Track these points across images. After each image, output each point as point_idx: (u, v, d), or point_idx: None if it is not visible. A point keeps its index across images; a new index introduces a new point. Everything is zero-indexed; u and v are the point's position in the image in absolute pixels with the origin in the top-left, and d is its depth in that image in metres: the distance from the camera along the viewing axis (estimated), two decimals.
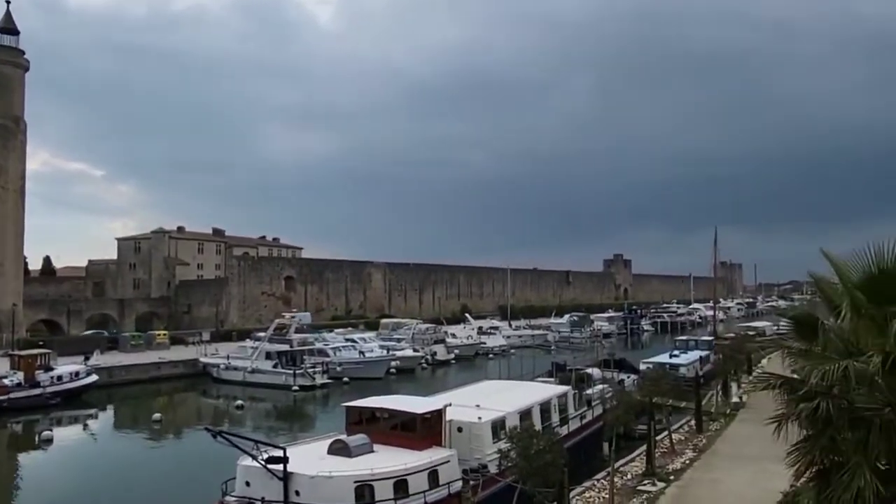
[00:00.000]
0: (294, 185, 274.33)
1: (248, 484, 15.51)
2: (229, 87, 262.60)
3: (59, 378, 41.58)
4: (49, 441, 31.64)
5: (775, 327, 62.81)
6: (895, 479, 7.47)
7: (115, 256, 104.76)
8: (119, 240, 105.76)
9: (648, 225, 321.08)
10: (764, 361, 40.94)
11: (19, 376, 40.03)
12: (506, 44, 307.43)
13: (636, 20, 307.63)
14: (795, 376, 8.53)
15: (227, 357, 50.99)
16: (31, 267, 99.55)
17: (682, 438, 25.13)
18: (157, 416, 36.52)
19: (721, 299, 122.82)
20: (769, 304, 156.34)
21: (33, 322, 74.00)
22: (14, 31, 71.50)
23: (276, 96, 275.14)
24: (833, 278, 8.79)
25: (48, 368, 41.81)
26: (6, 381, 39.39)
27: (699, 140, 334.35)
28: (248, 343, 54.07)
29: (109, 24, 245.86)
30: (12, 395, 38.62)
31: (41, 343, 52.71)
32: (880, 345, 7.53)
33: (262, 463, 14.92)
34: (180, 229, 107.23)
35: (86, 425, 37.53)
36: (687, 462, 21.36)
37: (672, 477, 19.44)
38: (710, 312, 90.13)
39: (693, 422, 27.07)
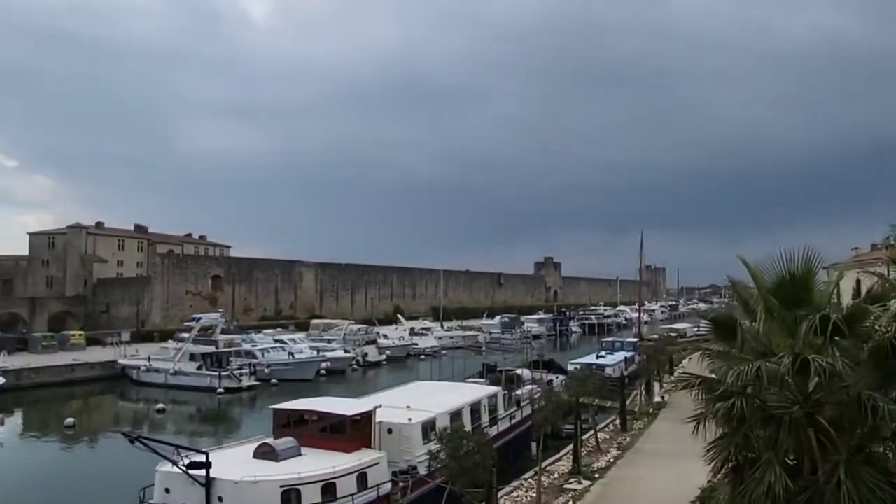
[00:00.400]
0: (224, 182, 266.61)
1: (167, 491, 14.96)
2: (156, 79, 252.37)
3: None
4: None
5: (696, 329, 65.53)
6: (802, 474, 7.89)
7: (26, 252, 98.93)
8: (31, 234, 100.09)
9: (578, 229, 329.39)
10: (685, 362, 42.64)
11: None
12: (442, 47, 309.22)
13: (566, 30, 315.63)
14: (713, 376, 8.89)
15: (149, 359, 48.98)
16: None
17: (608, 437, 25.83)
18: (69, 420, 34.65)
19: (646, 302, 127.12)
20: (690, 306, 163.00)
21: None
22: None
23: (205, 91, 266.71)
24: (749, 283, 9.22)
25: None
26: None
27: (626, 148, 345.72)
28: (171, 344, 52.15)
29: (27, 7, 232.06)
30: None
31: None
32: (790, 346, 7.94)
33: (183, 468, 14.36)
34: (99, 225, 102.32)
35: None
36: (611, 460, 21.95)
37: (597, 475, 19.94)
38: (636, 314, 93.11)
39: (618, 421, 27.89)
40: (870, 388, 7.82)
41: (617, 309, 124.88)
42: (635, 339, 53.48)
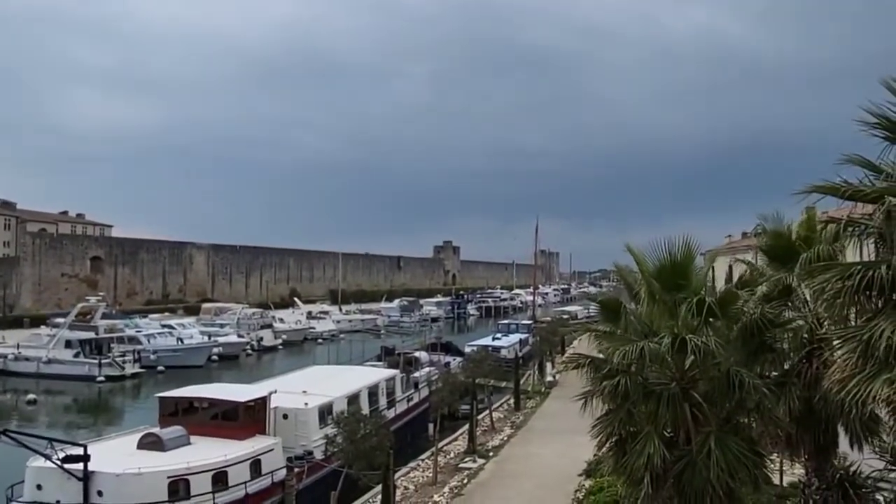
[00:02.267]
0: (105, 156, 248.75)
1: (39, 487, 14.00)
2: (28, 38, 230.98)
3: None
4: None
5: (586, 311, 68.70)
6: (678, 445, 8.49)
7: None
8: None
9: (476, 214, 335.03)
10: (575, 343, 44.63)
11: None
12: (344, 25, 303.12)
13: (470, 16, 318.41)
14: (601, 356, 9.36)
15: (17, 346, 45.26)
16: None
17: (502, 416, 26.63)
18: None
19: (540, 285, 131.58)
20: (582, 290, 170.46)
21: None
22: None
23: (85, 56, 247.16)
24: (634, 268, 9.75)
25: None
26: None
27: (524, 135, 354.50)
28: (44, 330, 48.56)
29: None
30: None
31: None
32: (671, 327, 8.49)
33: (58, 463, 13.44)
34: None
35: None
36: (505, 438, 22.68)
37: (491, 453, 20.54)
38: (531, 298, 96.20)
39: (512, 400, 28.80)
40: (738, 364, 8.54)
41: (513, 292, 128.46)
42: (530, 322, 55.27)
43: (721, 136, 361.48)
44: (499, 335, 45.42)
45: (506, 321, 57.37)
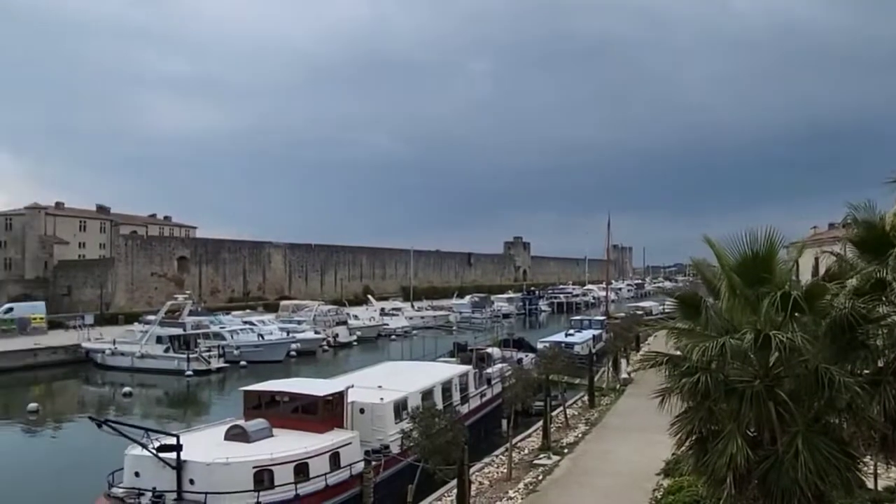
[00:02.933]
0: (188, 161, 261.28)
1: (137, 474, 14.86)
2: (114, 53, 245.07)
3: None
4: None
5: (661, 307, 66.84)
6: (762, 445, 8.20)
7: None
8: None
9: (547, 209, 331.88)
10: (651, 339, 43.56)
11: None
12: (405, 25, 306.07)
13: (532, 9, 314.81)
14: (678, 353, 9.14)
15: (114, 342, 48.20)
16: None
17: (576, 413, 26.34)
18: (32, 406, 34.03)
19: (613, 281, 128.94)
20: (656, 285, 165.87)
21: None
22: None
23: (164, 65, 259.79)
24: (712, 262, 9.46)
25: None
26: None
27: (594, 128, 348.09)
28: (137, 327, 51.39)
29: None
30: None
31: None
32: (753, 322, 8.20)
33: (153, 451, 14.29)
34: (59, 205, 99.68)
35: None
36: (580, 435, 22.41)
37: (566, 450, 20.35)
38: (603, 293, 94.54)
39: (586, 397, 28.43)
40: (826, 361, 8.14)
41: (585, 288, 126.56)
42: (603, 318, 54.37)
43: (798, 122, 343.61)
44: (571, 331, 44.90)
45: (578, 317, 56.58)
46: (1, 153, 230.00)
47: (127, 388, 39.46)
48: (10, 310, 58.64)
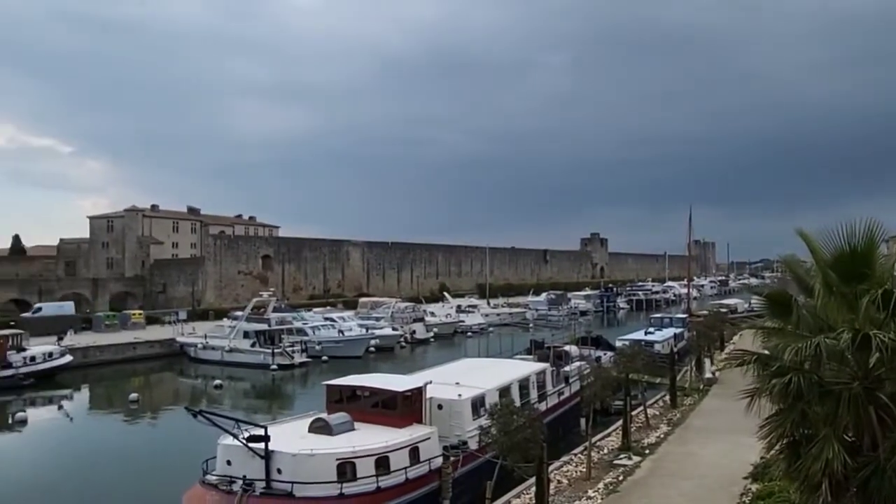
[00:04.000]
0: (271, 162, 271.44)
1: (228, 463, 15.53)
2: (199, 61, 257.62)
3: (33, 359, 41.08)
4: (23, 422, 31.32)
5: (747, 305, 64.06)
6: (861, 451, 7.77)
7: (87, 235, 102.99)
8: (91, 218, 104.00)
9: (624, 204, 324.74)
10: (736, 338, 41.85)
11: None
12: (484, 21, 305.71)
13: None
14: (767, 353, 8.78)
15: (205, 336, 50.64)
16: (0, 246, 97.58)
17: (657, 413, 25.67)
18: (133, 396, 36.26)
19: (695, 277, 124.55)
20: (741, 282, 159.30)
21: (3, 302, 72.75)
22: None
23: (248, 71, 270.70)
24: (802, 257, 9.02)
25: (20, 349, 41.24)
26: None
27: (673, 119, 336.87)
28: (226, 322, 53.69)
29: None
30: None
31: (13, 323, 51.84)
32: (850, 321, 7.77)
33: (244, 441, 14.92)
34: (154, 207, 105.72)
35: (60, 406, 37.18)
36: (661, 436, 21.84)
37: (647, 451, 19.88)
38: (684, 290, 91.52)
39: (667, 397, 27.66)
40: None
41: (665, 285, 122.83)
42: (684, 315, 52.65)
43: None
44: (651, 329, 43.67)
45: (659, 315, 54.93)
46: (102, 160, 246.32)
47: (217, 381, 41.42)
48: (39, 309, 61.33)
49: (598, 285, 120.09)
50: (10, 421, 31.67)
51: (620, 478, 17.24)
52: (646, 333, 41.65)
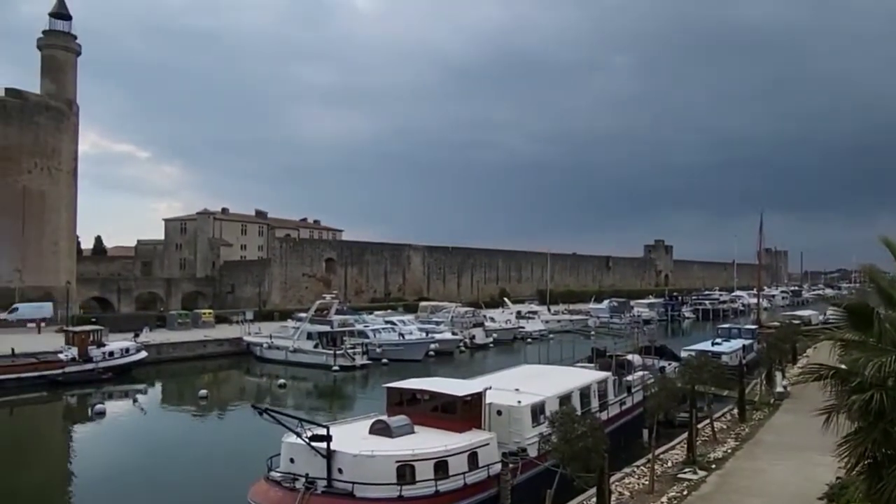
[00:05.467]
0: (334, 167, 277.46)
1: (292, 461, 15.86)
2: (266, 68, 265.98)
3: (111, 354, 43.16)
4: (102, 414, 32.91)
5: (822, 316, 61.15)
6: None
7: (162, 237, 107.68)
8: (166, 221, 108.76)
9: (690, 210, 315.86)
10: (810, 351, 40.03)
11: (73, 352, 41.68)
12: (545, 23, 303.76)
13: None
14: (846, 367, 8.37)
15: (270, 337, 52.05)
16: (83, 246, 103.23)
17: (724, 427, 24.80)
18: (203, 392, 37.62)
19: (765, 287, 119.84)
20: (816, 292, 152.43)
21: (86, 299, 76.80)
22: (66, 17, 73.56)
23: (312, 78, 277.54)
24: (885, 267, 8.58)
25: (100, 344, 43.41)
26: (61, 356, 41.11)
27: (742, 121, 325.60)
28: (290, 323, 55.02)
29: (151, 9, 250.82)
30: (67, 370, 40.32)
31: (94, 320, 54.68)
32: None
33: (306, 440, 15.24)
34: (224, 211, 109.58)
35: (135, 400, 38.88)
36: (729, 451, 21.09)
37: (714, 465, 19.23)
38: (754, 300, 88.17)
39: (735, 411, 26.69)
40: None
41: (733, 294, 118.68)
42: (754, 326, 50.77)
43: None
44: (719, 340, 42.24)
45: (726, 325, 53.09)
46: (176, 164, 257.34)
47: (281, 380, 42.50)
48: (16, 309, 59.95)
49: (662, 293, 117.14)
50: (90, 413, 33.35)
51: (685, 492, 16.73)
52: (713, 344, 40.35)
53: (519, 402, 18.39)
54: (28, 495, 21.82)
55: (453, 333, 58.25)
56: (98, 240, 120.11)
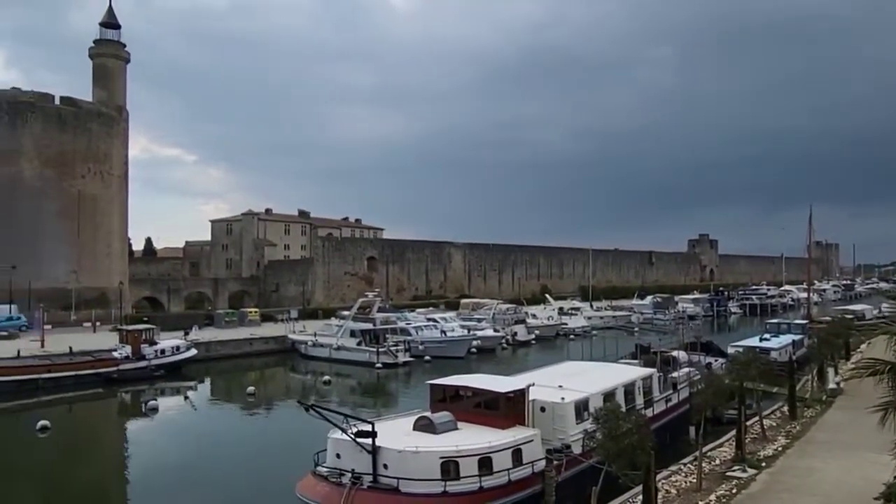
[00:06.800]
0: (374, 166, 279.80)
1: (338, 456, 16.13)
2: (306, 71, 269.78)
3: (163, 352, 44.51)
4: (155, 410, 33.96)
5: (876, 311, 59.10)
6: None
7: (209, 237, 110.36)
8: (212, 222, 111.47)
9: (735, 204, 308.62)
10: (863, 346, 38.76)
11: (127, 350, 43.11)
12: (582, 18, 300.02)
13: None
14: None
15: (314, 334, 52.89)
16: (134, 248, 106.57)
17: (774, 425, 24.26)
18: (250, 389, 38.47)
19: (815, 281, 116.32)
20: (869, 286, 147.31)
21: (137, 299, 79.30)
22: (116, 26, 75.97)
23: (351, 79, 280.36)
24: None
25: (152, 343, 44.79)
26: (116, 354, 42.57)
27: (790, 113, 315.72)
28: (334, 321, 55.81)
29: (195, 14, 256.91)
30: (121, 367, 41.74)
31: (146, 319, 56.44)
32: None
33: (352, 436, 15.47)
34: (268, 211, 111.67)
35: (186, 396, 39.97)
36: (779, 449, 20.62)
37: (764, 464, 18.83)
38: (804, 294, 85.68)
39: (785, 408, 26.06)
40: None
41: (782, 289, 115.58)
42: (804, 322, 49.39)
43: None
44: (767, 336, 41.22)
45: (775, 320, 51.74)
46: (221, 167, 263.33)
47: (326, 377, 43.15)
48: None
49: (707, 288, 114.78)
50: (143, 409, 34.46)
51: (734, 491, 16.45)
52: (761, 340, 39.43)
53: (562, 398, 18.31)
54: (87, 487, 22.76)
55: (495, 330, 58.24)
56: (148, 241, 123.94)
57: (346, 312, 55.88)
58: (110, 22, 75.62)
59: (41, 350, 44.26)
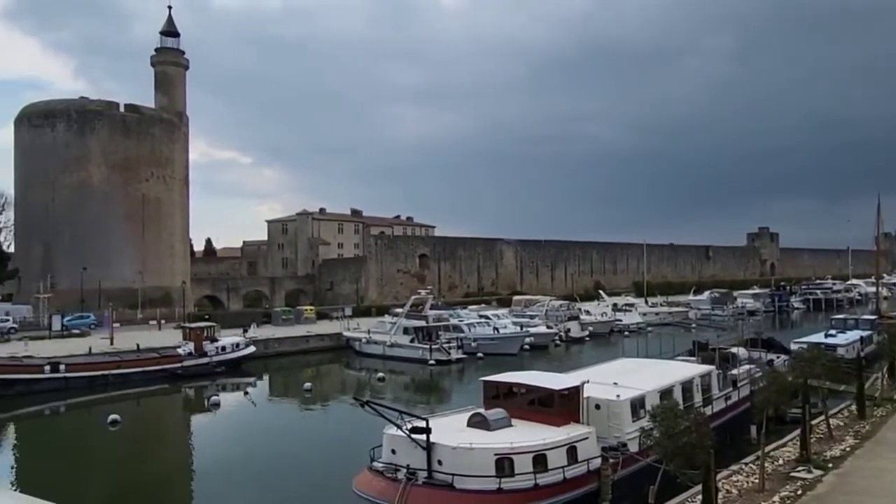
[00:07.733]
0: (425, 164, 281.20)
1: (393, 452, 16.33)
2: (357, 71, 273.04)
3: (223, 349, 45.95)
4: (217, 405, 35.10)
5: None
6: None
7: (265, 237, 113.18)
8: (268, 222, 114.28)
9: (797, 195, 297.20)
10: None
11: (190, 346, 44.70)
12: (633, 8, 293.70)
13: None
14: None
15: (368, 332, 53.58)
16: (195, 248, 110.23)
17: (842, 424, 23.33)
18: (307, 385, 39.33)
19: (885, 275, 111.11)
20: None
21: (199, 298, 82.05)
22: (175, 34, 78.69)
23: (402, 78, 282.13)
24: None
25: (213, 340, 46.30)
26: (180, 351, 44.21)
27: (853, 101, 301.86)
28: (387, 318, 56.39)
29: (249, 19, 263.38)
30: (185, 364, 43.33)
31: (207, 317, 58.38)
32: None
33: (407, 432, 15.66)
34: (322, 211, 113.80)
35: (246, 392, 41.13)
36: (847, 449, 19.85)
37: (830, 464, 18.16)
38: (872, 289, 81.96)
39: (854, 407, 25.04)
40: None
41: (848, 283, 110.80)
42: (873, 317, 47.32)
43: None
44: (833, 331, 39.67)
45: (841, 316, 49.68)
46: (276, 168, 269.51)
47: (380, 374, 43.67)
48: None
49: (767, 283, 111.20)
50: (206, 404, 35.68)
51: (799, 492, 15.93)
52: (826, 336, 38.00)
53: (618, 395, 18.07)
54: (155, 479, 23.74)
55: (548, 327, 57.82)
56: (208, 241, 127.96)
57: (399, 310, 56.39)
58: (170, 30, 78.37)
59: (110, 347, 46.37)
